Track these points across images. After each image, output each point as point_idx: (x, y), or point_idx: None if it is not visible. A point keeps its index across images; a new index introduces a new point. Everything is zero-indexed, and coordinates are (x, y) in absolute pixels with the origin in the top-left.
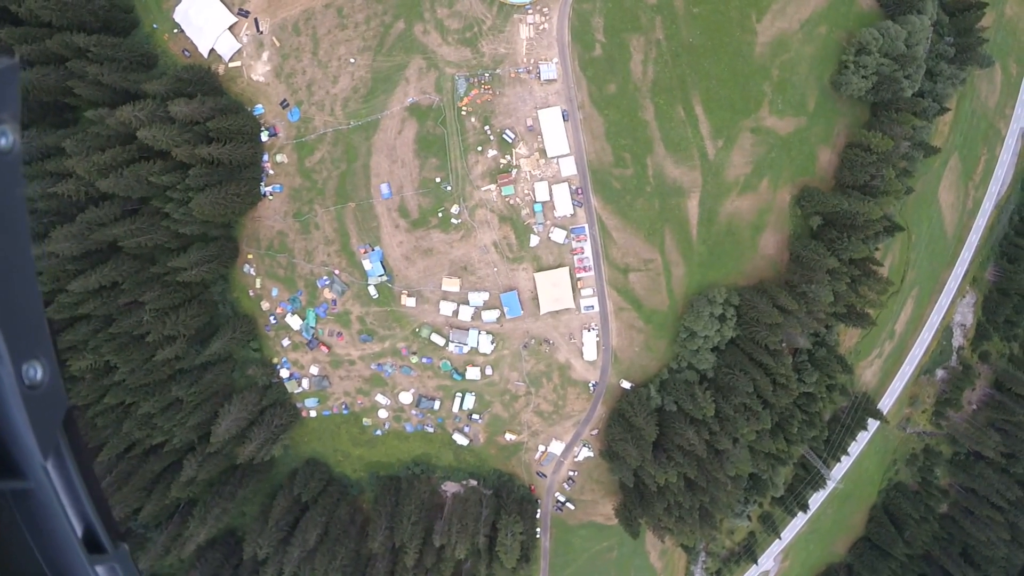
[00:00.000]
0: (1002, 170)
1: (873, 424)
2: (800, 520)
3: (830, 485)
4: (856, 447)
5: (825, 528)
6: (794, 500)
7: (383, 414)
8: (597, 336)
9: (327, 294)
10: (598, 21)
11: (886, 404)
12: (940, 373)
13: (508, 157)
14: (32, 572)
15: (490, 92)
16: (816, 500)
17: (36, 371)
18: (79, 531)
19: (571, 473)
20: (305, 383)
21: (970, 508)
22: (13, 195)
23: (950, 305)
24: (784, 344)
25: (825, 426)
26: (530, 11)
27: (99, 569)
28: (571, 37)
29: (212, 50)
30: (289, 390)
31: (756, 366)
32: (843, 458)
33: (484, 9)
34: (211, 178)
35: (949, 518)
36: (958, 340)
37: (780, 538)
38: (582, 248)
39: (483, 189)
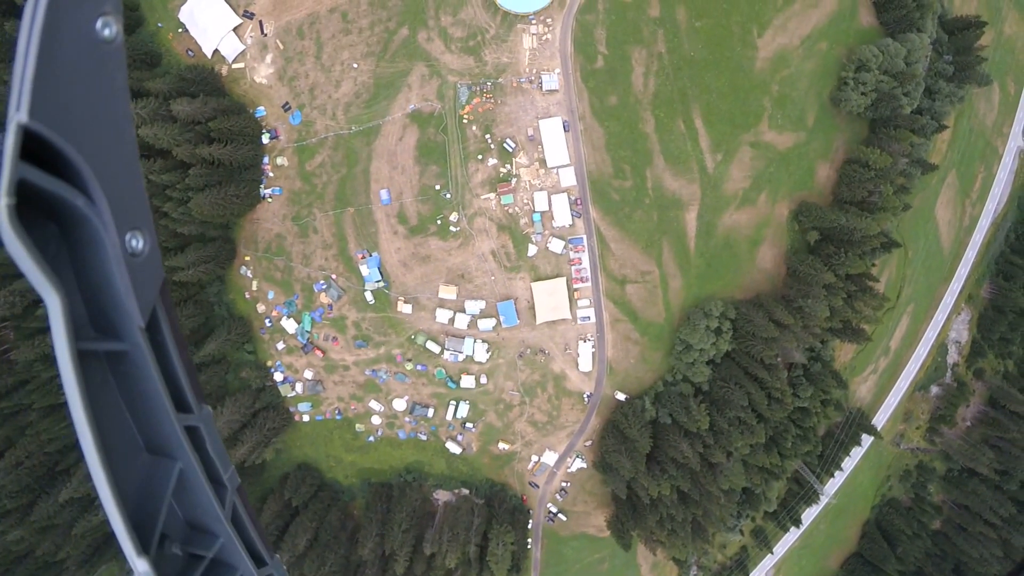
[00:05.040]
0: (999, 188)
1: (867, 440)
2: (793, 535)
3: (823, 500)
4: (850, 462)
5: (818, 543)
6: (787, 515)
7: (376, 420)
8: (593, 347)
9: (323, 298)
10: (601, 33)
11: (880, 420)
12: (935, 389)
13: (508, 166)
14: (122, 430)
15: (492, 101)
16: (809, 515)
17: (138, 241)
18: (167, 392)
19: (564, 484)
20: (299, 387)
21: (963, 525)
22: (118, 81)
23: (945, 322)
24: (779, 358)
25: (819, 441)
26: (533, 21)
27: (183, 427)
28: (573, 48)
29: (216, 51)
30: (282, 394)
31: (751, 380)
32: (836, 473)
33: (488, 18)
34: (211, 178)
35: (942, 534)
36: (953, 357)
37: (772, 553)
38: (580, 259)
39: (482, 198)
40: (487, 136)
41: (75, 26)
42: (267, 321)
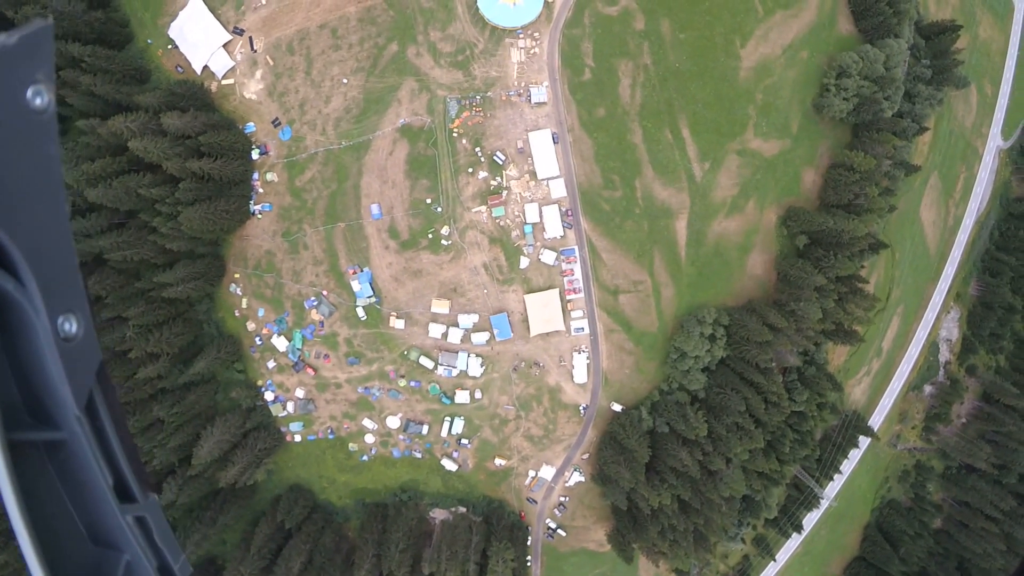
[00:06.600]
0: (981, 187)
1: (864, 442)
2: (794, 541)
3: (824, 504)
4: (848, 465)
5: (819, 549)
6: (788, 521)
7: (370, 439)
8: (587, 358)
9: (314, 315)
10: (587, 46)
11: (876, 421)
12: (928, 388)
13: (498, 179)
14: (63, 522)
15: (481, 114)
16: (810, 521)
17: (71, 324)
18: (110, 481)
19: (562, 499)
20: (290, 406)
21: (964, 521)
22: (49, 154)
23: (935, 320)
24: (774, 363)
25: (817, 445)
26: (521, 35)
27: (129, 518)
28: (561, 61)
29: (206, 67)
30: (273, 413)
31: (747, 385)
32: (835, 477)
33: (476, 33)
34: (201, 193)
35: (944, 532)
36: (944, 355)
37: (775, 560)
38: (572, 270)
39: (473, 210)
40: (477, 149)
41: (3, 95)
42: (257, 339)
